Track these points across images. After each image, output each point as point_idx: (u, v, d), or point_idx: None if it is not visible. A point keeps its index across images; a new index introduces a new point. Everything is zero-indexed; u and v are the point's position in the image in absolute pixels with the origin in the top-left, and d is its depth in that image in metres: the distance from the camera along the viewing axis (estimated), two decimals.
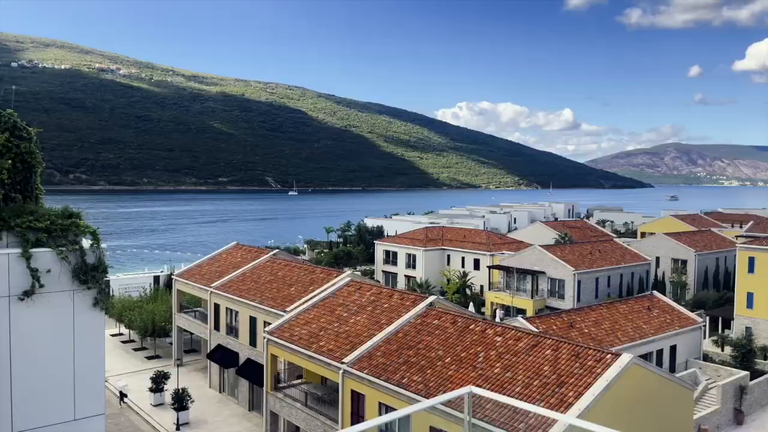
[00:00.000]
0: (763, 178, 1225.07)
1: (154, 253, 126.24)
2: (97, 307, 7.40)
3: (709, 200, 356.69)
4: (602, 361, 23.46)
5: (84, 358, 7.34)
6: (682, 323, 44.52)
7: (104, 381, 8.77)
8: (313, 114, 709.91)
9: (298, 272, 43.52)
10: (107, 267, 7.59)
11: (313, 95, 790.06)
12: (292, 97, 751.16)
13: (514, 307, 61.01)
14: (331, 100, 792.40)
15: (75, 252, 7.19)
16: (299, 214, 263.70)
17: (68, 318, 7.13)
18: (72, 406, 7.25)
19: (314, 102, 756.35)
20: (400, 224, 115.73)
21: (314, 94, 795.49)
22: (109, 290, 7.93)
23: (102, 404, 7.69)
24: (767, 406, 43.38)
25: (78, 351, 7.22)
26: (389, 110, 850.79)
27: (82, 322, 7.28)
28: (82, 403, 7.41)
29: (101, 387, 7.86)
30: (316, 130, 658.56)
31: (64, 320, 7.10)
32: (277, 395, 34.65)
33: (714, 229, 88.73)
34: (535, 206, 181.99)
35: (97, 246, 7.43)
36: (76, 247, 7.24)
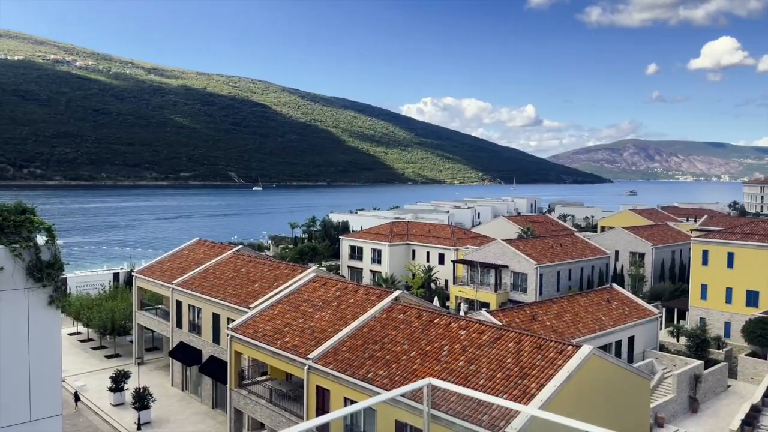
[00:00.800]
0: (717, 174, 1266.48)
1: (113, 250, 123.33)
2: (52, 305, 7.20)
3: (665, 195, 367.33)
4: (563, 352, 23.95)
5: (40, 357, 7.14)
6: (640, 315, 45.76)
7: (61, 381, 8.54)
8: (277, 108, 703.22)
9: (262, 268, 43.11)
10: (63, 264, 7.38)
11: (277, 89, 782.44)
12: (256, 91, 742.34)
13: (478, 301, 61.75)
14: (296, 95, 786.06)
15: (29, 249, 6.97)
16: (263, 209, 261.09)
17: (22, 317, 6.92)
18: (28, 407, 7.05)
19: (278, 96, 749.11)
20: (366, 219, 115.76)
21: (278, 88, 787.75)
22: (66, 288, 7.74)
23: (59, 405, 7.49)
24: (721, 393, 45.00)
25: (33, 351, 7.02)
26: (354, 105, 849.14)
27: (38, 321, 7.08)
28: (38, 403, 7.21)
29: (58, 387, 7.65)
30: (280, 125, 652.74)
31: (18, 319, 6.89)
32: (241, 392, 34.31)
33: (670, 223, 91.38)
34: (499, 201, 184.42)
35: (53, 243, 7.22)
36: (30, 244, 7.02)
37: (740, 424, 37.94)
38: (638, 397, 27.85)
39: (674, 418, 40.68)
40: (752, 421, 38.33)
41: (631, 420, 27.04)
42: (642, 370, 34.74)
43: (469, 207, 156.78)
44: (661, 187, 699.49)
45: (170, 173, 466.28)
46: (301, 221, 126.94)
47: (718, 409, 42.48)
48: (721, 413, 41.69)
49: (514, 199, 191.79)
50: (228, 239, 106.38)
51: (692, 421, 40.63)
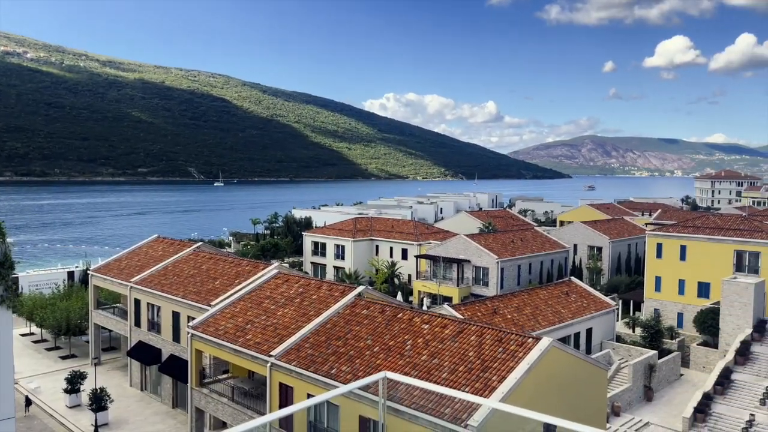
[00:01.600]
0: (670, 169, 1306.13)
1: (67, 248, 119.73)
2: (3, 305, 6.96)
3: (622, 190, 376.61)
4: (524, 345, 24.37)
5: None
6: (598, 307, 46.93)
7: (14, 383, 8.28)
8: (238, 103, 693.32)
9: (223, 265, 42.55)
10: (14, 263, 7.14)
11: (238, 83, 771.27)
12: (216, 85, 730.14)
13: (441, 295, 62.29)
14: (257, 89, 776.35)
15: None
16: (224, 205, 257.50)
17: None
18: None
19: (239, 90, 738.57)
20: (329, 215, 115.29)
21: (239, 83, 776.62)
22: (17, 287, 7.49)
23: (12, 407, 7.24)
24: (674, 382, 46.54)
25: None
26: (316, 100, 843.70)
27: None
28: None
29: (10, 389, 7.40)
30: (241, 119, 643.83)
31: None
32: (202, 391, 33.84)
33: (626, 217, 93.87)
34: (461, 197, 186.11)
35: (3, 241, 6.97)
36: None
37: (693, 411, 39.33)
38: (596, 387, 28.57)
39: (630, 406, 41.89)
40: (704, 408, 39.78)
41: (589, 409, 27.72)
42: (599, 360, 35.63)
43: (432, 202, 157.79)
44: (618, 182, 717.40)
45: (127, 169, 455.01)
46: (263, 217, 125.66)
47: (671, 398, 43.92)
48: (674, 401, 43.12)
49: (475, 195, 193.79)
50: (188, 236, 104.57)
51: (647, 410, 41.90)
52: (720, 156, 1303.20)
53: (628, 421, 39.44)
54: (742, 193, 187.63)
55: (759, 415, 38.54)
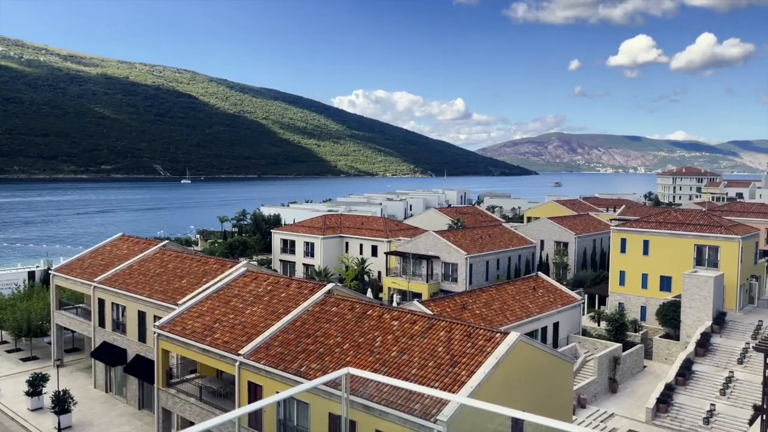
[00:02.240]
0: (634, 166, 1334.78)
1: (28, 247, 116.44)
2: None
3: (587, 186, 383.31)
4: (492, 340, 24.63)
5: None
6: (564, 301, 47.72)
7: None
8: (205, 99, 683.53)
9: (190, 263, 41.92)
10: None
11: (204, 79, 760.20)
12: (182, 80, 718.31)
13: (411, 292, 62.53)
14: (224, 85, 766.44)
15: None
16: (191, 203, 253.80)
17: None
18: None
19: (205, 86, 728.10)
20: (298, 212, 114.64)
21: (205, 78, 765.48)
22: None
23: None
24: (638, 374, 47.63)
25: None
26: (285, 96, 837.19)
27: None
28: None
29: None
30: (207, 116, 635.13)
31: None
32: (169, 391, 33.32)
33: (591, 213, 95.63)
34: (430, 193, 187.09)
35: None
36: None
37: (655, 402, 40.35)
38: (562, 380, 29.05)
39: (596, 398, 42.74)
40: (666, 399, 40.84)
41: (556, 402, 28.18)
42: (566, 354, 36.24)
43: (402, 199, 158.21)
44: (584, 179, 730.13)
45: (90, 166, 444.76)
46: (231, 215, 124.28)
47: (635, 389, 44.95)
48: (638, 392, 44.15)
49: (444, 191, 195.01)
50: (154, 234, 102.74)
51: (612, 401, 42.82)
52: (681, 153, 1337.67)
53: (594, 413, 40.24)
54: (702, 189, 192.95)
55: (719, 405, 39.75)
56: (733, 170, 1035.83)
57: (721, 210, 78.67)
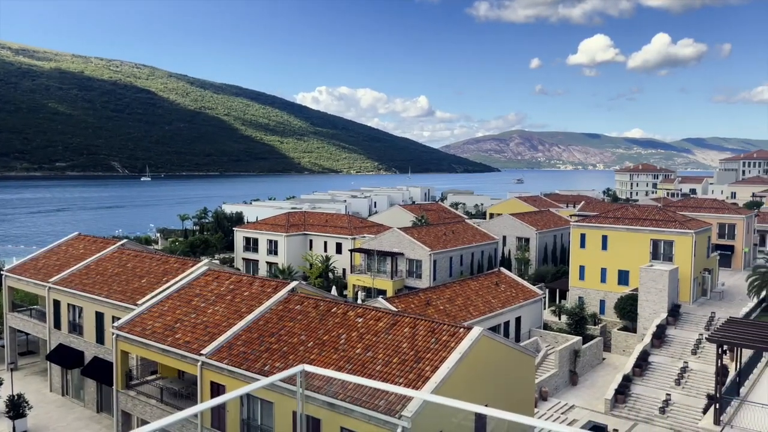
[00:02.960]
0: (593, 163, 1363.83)
1: None
2: None
3: (548, 183, 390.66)
4: (456, 335, 24.86)
5: None
6: (526, 296, 48.49)
7: None
8: (164, 95, 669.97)
9: (149, 263, 41.07)
10: None
11: (164, 75, 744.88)
12: (140, 76, 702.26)
13: (375, 289, 62.62)
14: (184, 81, 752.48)
15: None
16: (151, 201, 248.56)
17: None
18: None
19: (165, 82, 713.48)
20: (261, 210, 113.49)
21: (164, 74, 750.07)
22: None
23: None
24: (597, 366, 48.78)
25: None
26: (247, 92, 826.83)
27: None
28: None
29: None
30: (167, 112, 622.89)
31: None
32: (129, 393, 32.61)
33: (552, 209, 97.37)
34: (394, 190, 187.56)
35: None
36: None
37: (614, 393, 41.41)
38: (524, 373, 29.53)
39: (557, 391, 43.61)
40: (624, 390, 41.96)
41: (518, 395, 28.64)
42: (528, 348, 36.84)
43: (366, 196, 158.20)
44: (545, 176, 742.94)
45: (44, 163, 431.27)
46: (192, 213, 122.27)
47: (595, 381, 46.03)
48: (597, 384, 45.23)
49: (408, 188, 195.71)
50: (112, 233, 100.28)
51: (572, 393, 43.76)
52: (638, 150, 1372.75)
53: (555, 405, 41.05)
54: (658, 185, 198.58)
55: (674, 395, 41.04)
56: (686, 167, 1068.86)
57: (676, 206, 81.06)
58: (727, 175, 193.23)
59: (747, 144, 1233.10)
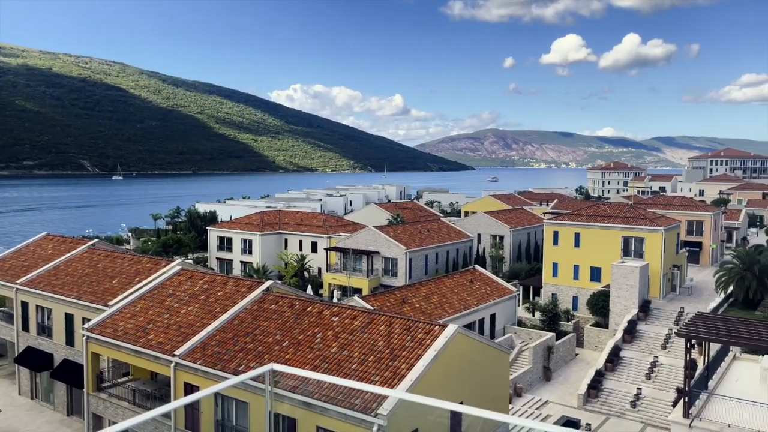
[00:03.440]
0: (565, 161, 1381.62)
1: None
2: None
3: (522, 181, 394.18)
4: (431, 333, 24.97)
5: None
6: (500, 293, 48.91)
7: None
8: (136, 92, 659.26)
9: (121, 263, 40.40)
10: None
11: (135, 72, 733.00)
12: (110, 73, 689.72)
13: (351, 287, 62.53)
14: (156, 78, 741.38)
15: None
16: (122, 200, 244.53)
17: None
18: None
19: (136, 79, 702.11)
20: (235, 209, 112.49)
21: (136, 71, 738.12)
22: None
23: None
24: (570, 362, 49.44)
25: None
26: (220, 90, 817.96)
27: None
28: None
29: None
30: (139, 110, 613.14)
31: None
32: (100, 396, 32.05)
33: (526, 207, 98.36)
34: (370, 189, 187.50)
35: None
36: None
37: (586, 388, 42.02)
38: (499, 369, 29.80)
39: (531, 387, 44.09)
40: (597, 384, 42.61)
41: (493, 391, 28.89)
42: (502, 344, 37.16)
43: (341, 195, 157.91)
44: (518, 174, 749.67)
45: (11, 162, 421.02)
46: (165, 212, 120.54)
47: (568, 376, 46.66)
48: (571, 379, 45.85)
49: (384, 187, 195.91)
50: (81, 233, 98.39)
51: (546, 389, 44.29)
52: (609, 149, 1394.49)
53: (529, 401, 41.52)
54: (629, 183, 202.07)
55: (645, 389, 41.82)
56: (656, 165, 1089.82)
57: (646, 203, 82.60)
58: (695, 173, 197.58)
59: (714, 143, 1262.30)
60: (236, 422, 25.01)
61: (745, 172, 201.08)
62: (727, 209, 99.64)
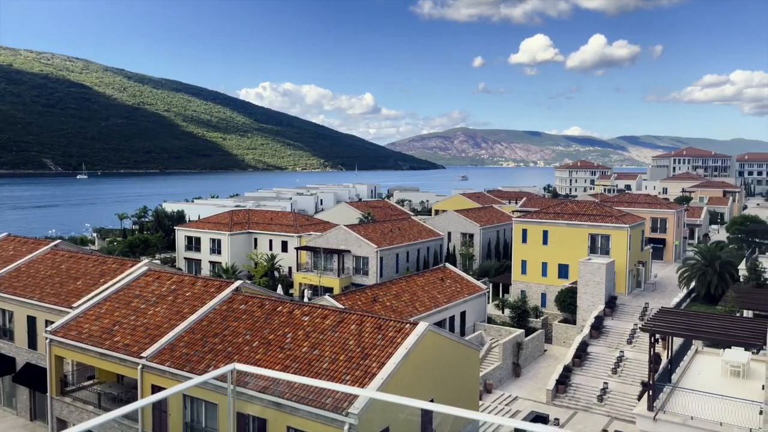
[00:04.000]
0: (534, 160, 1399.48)
1: None
2: None
3: (491, 180, 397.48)
4: (402, 331, 25.04)
5: None
6: (470, 291, 49.33)
7: None
8: (100, 89, 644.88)
9: (85, 264, 39.51)
10: None
11: (99, 69, 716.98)
12: (74, 69, 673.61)
13: (322, 286, 62.30)
14: (121, 75, 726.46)
15: None
16: (87, 199, 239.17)
17: None
18: None
19: (100, 76, 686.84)
20: (203, 208, 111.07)
21: (100, 68, 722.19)
22: None
23: None
24: (539, 358, 50.13)
25: None
26: (188, 88, 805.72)
27: None
28: None
29: None
30: (103, 107, 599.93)
31: None
32: (64, 400, 31.31)
33: (495, 205, 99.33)
34: (341, 187, 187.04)
35: None
36: None
37: (555, 383, 42.68)
38: (469, 366, 30.05)
39: (501, 383, 44.58)
40: (565, 380, 43.30)
41: (463, 388, 29.13)
42: (472, 342, 37.51)
43: (312, 193, 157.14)
44: (488, 173, 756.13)
45: None
46: (131, 211, 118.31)
47: (537, 372, 47.31)
48: (539, 375, 46.50)
49: (355, 186, 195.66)
50: (44, 233, 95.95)
51: (516, 385, 44.84)
52: (576, 147, 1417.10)
53: (499, 397, 41.98)
54: (595, 181, 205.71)
55: (611, 383, 42.66)
56: (622, 164, 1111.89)
57: (612, 201, 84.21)
58: (659, 172, 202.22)
59: (677, 141, 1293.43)
60: (205, 424, 24.72)
61: (706, 170, 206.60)
62: (690, 207, 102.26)
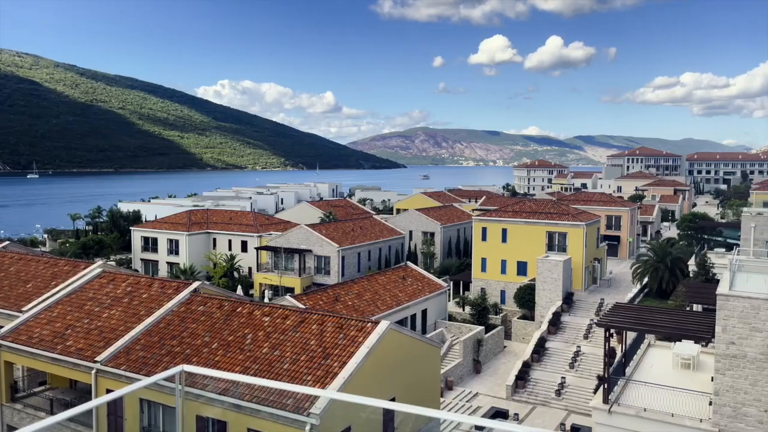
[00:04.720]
0: (493, 159, 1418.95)
1: None
2: None
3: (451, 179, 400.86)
4: (363, 330, 25.04)
5: None
6: (432, 289, 49.71)
7: None
8: (50, 85, 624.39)
9: (36, 266, 38.18)
10: None
11: (49, 64, 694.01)
12: (22, 65, 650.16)
13: (283, 287, 61.80)
14: (73, 71, 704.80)
15: None
16: (38, 199, 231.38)
17: None
18: None
19: (51, 72, 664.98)
20: (160, 208, 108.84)
21: (50, 63, 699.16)
22: None
23: None
24: (499, 354, 50.87)
25: None
26: (143, 85, 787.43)
27: None
28: None
29: None
30: (54, 104, 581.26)
31: None
32: (14, 407, 30.20)
33: (455, 204, 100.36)
34: (302, 186, 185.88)
35: None
36: None
37: (514, 379, 43.39)
38: (430, 364, 30.27)
39: (461, 380, 45.07)
40: (524, 375, 44.07)
41: (425, 386, 29.33)
42: (433, 339, 37.80)
43: (272, 193, 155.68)
44: (448, 172, 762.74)
45: None
46: (84, 212, 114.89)
47: (497, 368, 48.00)
48: (499, 371, 47.20)
49: (316, 185, 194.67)
50: None
51: (476, 381, 45.40)
52: (534, 147, 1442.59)
53: (460, 394, 42.43)
54: (553, 180, 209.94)
55: (569, 377, 43.62)
56: (578, 163, 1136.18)
57: (569, 199, 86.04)
58: (613, 171, 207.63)
59: (631, 141, 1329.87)
60: (163, 428, 24.23)
61: (658, 169, 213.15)
62: (643, 205, 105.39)
